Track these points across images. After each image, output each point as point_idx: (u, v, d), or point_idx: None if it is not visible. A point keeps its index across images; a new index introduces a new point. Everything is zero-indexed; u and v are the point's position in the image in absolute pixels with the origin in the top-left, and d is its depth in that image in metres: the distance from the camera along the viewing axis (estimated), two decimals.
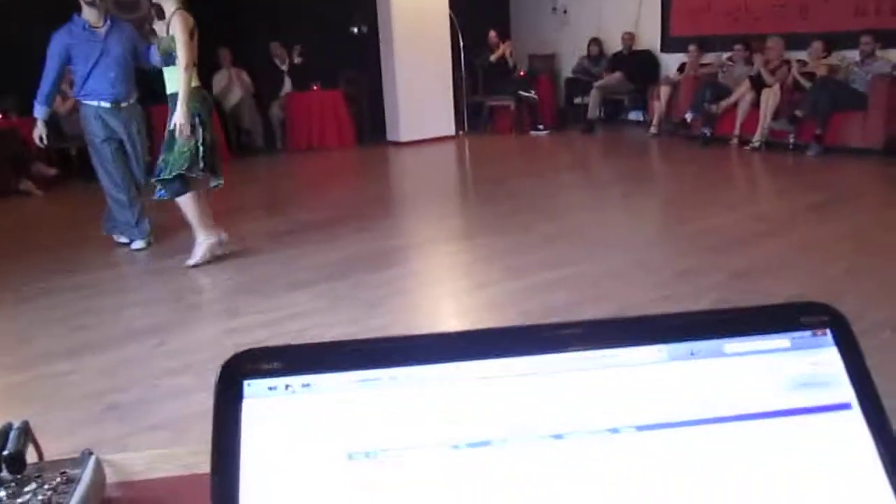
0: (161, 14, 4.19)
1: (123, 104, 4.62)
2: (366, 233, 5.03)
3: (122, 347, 3.24)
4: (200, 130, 4.11)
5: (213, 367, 1.69)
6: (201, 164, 4.12)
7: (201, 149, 4.10)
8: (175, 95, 4.08)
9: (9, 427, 0.63)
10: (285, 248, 4.74)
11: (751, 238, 4.45)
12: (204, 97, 4.27)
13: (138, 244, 4.81)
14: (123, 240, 4.91)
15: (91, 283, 4.31)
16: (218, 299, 3.83)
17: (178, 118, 4.03)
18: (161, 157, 4.16)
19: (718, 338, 0.42)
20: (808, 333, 0.43)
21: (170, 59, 4.12)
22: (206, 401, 2.57)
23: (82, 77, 4.53)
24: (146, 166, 4.80)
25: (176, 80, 4.09)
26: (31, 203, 6.89)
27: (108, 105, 4.54)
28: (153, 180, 4.27)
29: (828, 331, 0.43)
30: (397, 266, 4.29)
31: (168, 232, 5.26)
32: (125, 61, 4.59)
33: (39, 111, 4.58)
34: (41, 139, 4.62)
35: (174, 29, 4.04)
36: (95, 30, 4.50)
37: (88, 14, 4.49)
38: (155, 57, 4.37)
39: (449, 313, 3.53)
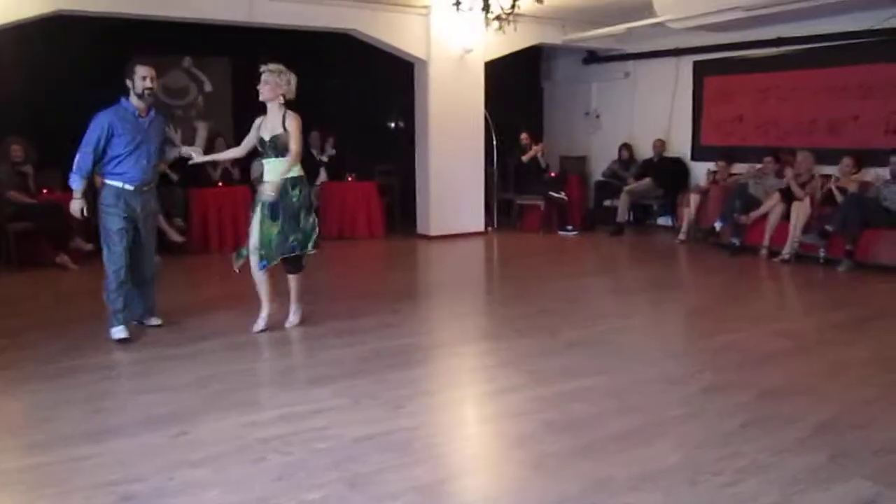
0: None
1: (145, 188, 4.81)
2: (390, 328, 5.04)
3: (141, 434, 3.23)
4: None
5: (231, 462, 1.72)
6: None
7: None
8: (285, 181, 4.80)
9: None
10: (308, 338, 4.77)
11: (779, 355, 4.39)
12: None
13: (119, 332, 4.69)
14: (155, 321, 5.03)
15: (115, 363, 4.37)
16: (239, 389, 3.83)
17: (305, 197, 4.93)
18: (292, 237, 4.80)
19: None
20: None
21: (284, 151, 4.83)
22: (218, 498, 2.55)
23: (117, 158, 4.66)
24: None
25: (280, 169, 4.78)
26: (66, 277, 7.04)
27: (131, 188, 4.71)
28: (271, 256, 4.84)
29: None
30: (421, 366, 4.27)
31: (191, 316, 5.33)
32: (157, 151, 4.87)
33: (77, 183, 4.65)
34: (82, 212, 4.72)
35: (291, 125, 4.90)
36: (140, 118, 4.73)
37: (138, 103, 4.72)
38: (170, 154, 5.16)
39: (473, 419, 3.49)
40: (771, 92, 8.88)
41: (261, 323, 4.92)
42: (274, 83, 5.01)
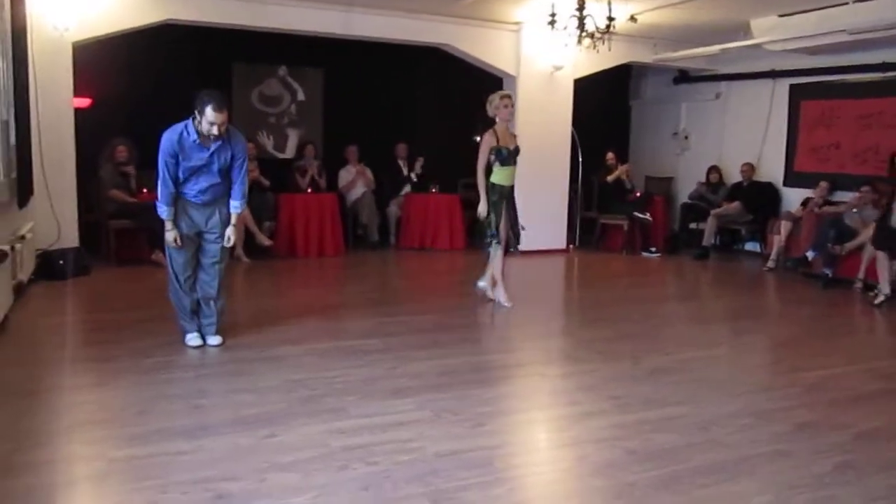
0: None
1: (208, 204, 4.66)
2: (470, 344, 5.08)
3: (233, 433, 3.35)
4: None
5: (319, 468, 1.79)
6: None
7: None
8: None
9: None
10: (391, 350, 4.83)
11: (875, 396, 4.22)
12: None
13: (192, 339, 4.76)
14: (214, 341, 4.86)
15: (207, 362, 4.53)
16: (325, 395, 3.92)
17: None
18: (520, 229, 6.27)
19: None
20: None
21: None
22: None
23: (177, 179, 4.54)
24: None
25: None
26: (159, 274, 7.30)
27: (193, 201, 4.61)
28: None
29: None
30: (501, 384, 4.29)
31: (278, 320, 5.49)
32: (219, 175, 4.60)
33: (165, 212, 4.57)
34: (176, 241, 4.60)
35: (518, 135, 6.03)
36: (203, 146, 4.49)
37: (202, 137, 4.48)
38: (239, 193, 4.71)
39: (554, 442, 3.48)
40: (873, 119, 8.55)
41: (500, 295, 6.25)
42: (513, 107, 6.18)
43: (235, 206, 4.73)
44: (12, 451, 3.10)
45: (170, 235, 4.64)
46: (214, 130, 4.39)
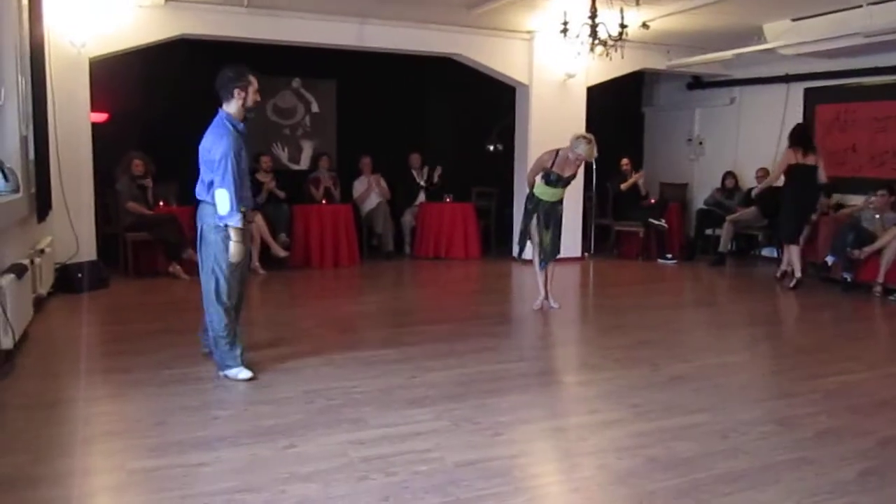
0: None
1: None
2: (487, 352, 5.06)
3: (252, 445, 3.35)
4: None
5: (338, 479, 1.78)
6: None
7: None
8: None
9: None
10: (407, 359, 4.82)
11: None
12: None
13: (244, 372, 4.33)
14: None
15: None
16: (342, 405, 3.91)
17: None
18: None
19: None
20: None
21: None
22: None
23: None
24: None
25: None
26: (177, 286, 7.39)
27: (245, 211, 4.21)
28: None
29: None
30: (518, 392, 4.26)
31: (294, 331, 5.50)
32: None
33: (241, 221, 4.10)
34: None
35: None
36: (242, 135, 4.20)
37: (241, 117, 4.19)
38: None
39: (574, 451, 3.45)
40: (890, 121, 8.50)
41: (538, 302, 6.40)
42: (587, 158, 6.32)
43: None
44: (32, 461, 3.12)
45: (240, 250, 4.15)
46: (258, 97, 4.20)
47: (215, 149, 4.05)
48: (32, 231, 6.07)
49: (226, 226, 4.09)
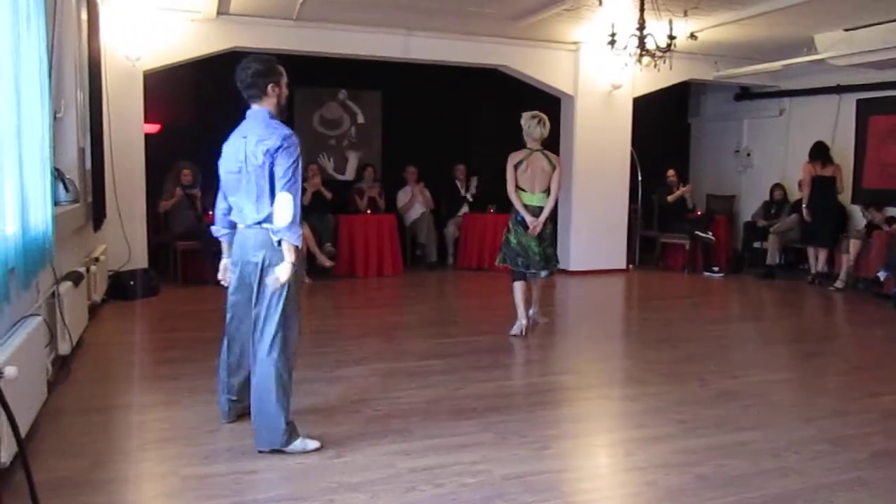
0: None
1: None
2: (532, 365, 5.05)
3: (301, 454, 3.38)
4: None
5: (386, 489, 1.80)
6: None
7: None
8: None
9: None
10: (452, 371, 4.84)
11: None
12: None
13: (313, 443, 3.47)
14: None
15: None
16: (389, 415, 3.94)
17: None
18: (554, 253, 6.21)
19: None
20: None
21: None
22: None
23: None
24: None
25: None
26: (219, 293, 7.48)
27: None
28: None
29: None
30: (565, 406, 4.25)
31: (338, 340, 5.55)
32: None
33: (298, 237, 3.32)
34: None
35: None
36: None
37: (281, 118, 3.63)
38: None
39: (622, 467, 3.43)
40: None
41: (517, 326, 5.91)
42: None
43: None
44: (90, 466, 3.21)
45: (288, 269, 3.31)
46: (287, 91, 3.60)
47: (281, 153, 3.34)
48: (88, 239, 6.24)
49: (278, 242, 3.32)
